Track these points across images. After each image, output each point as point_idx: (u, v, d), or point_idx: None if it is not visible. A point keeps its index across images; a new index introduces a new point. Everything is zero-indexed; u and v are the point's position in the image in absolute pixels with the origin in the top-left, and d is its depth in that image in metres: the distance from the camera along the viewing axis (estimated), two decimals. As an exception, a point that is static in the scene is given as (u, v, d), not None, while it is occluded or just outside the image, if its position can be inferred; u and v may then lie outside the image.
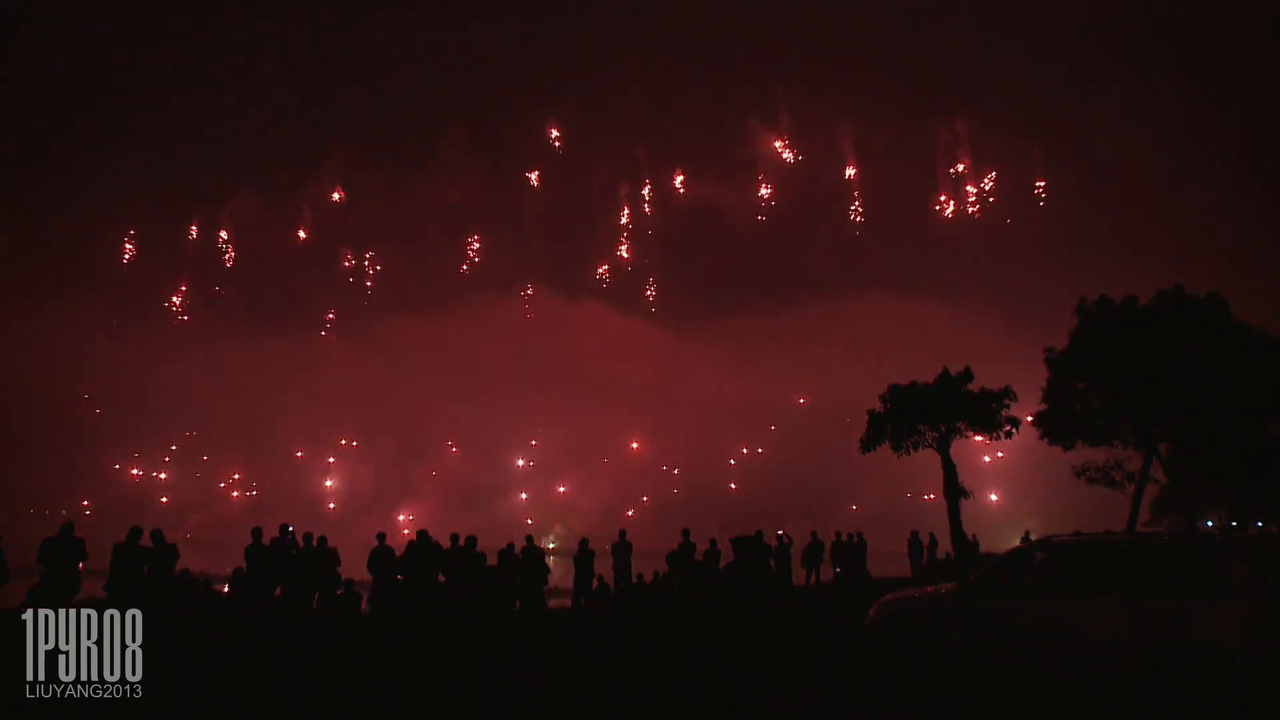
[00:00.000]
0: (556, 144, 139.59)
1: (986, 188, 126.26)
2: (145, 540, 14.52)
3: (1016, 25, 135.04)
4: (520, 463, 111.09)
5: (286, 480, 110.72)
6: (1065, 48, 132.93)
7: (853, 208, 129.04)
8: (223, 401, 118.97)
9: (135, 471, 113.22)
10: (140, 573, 14.08)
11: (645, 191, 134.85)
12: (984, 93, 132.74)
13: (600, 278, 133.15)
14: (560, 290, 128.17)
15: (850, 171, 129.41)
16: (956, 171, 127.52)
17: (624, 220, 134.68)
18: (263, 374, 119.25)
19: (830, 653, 11.76)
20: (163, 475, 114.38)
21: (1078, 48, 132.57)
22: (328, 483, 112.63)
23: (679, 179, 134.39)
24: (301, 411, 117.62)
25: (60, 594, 13.49)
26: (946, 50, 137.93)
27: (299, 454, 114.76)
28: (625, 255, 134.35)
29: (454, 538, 16.96)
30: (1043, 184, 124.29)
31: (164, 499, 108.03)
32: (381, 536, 17.04)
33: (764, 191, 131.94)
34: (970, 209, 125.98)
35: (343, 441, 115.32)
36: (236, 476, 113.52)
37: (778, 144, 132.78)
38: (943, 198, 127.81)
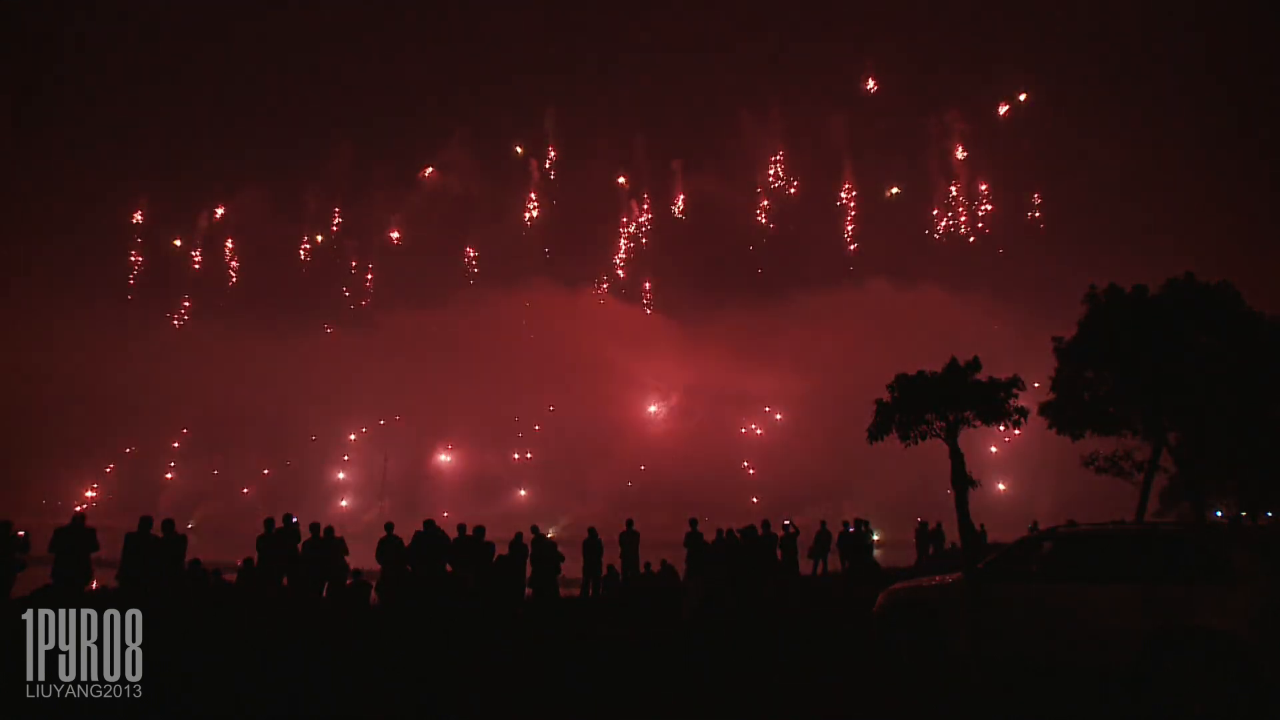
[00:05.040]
0: (551, 155, 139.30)
1: (982, 194, 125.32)
2: (156, 530, 14.59)
3: (1016, 13, 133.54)
4: (528, 453, 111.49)
5: (296, 470, 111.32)
6: (1067, 33, 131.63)
7: (848, 229, 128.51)
8: (231, 394, 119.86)
9: (144, 462, 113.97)
10: (153, 562, 14.15)
11: (644, 185, 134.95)
12: (983, 85, 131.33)
13: (603, 269, 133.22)
14: (562, 280, 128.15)
15: (847, 190, 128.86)
16: (953, 186, 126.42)
17: (624, 213, 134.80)
18: (271, 367, 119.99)
19: (838, 641, 11.78)
20: (172, 464, 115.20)
21: (1081, 32, 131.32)
22: (339, 474, 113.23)
23: (678, 187, 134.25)
24: (309, 403, 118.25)
25: (72, 584, 13.62)
26: (944, 42, 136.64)
27: (311, 441, 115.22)
28: (626, 246, 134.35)
29: (461, 528, 17.06)
30: (1039, 200, 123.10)
31: (173, 487, 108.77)
32: (389, 526, 17.12)
33: (762, 209, 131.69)
34: (964, 229, 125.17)
35: (351, 436, 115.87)
36: (245, 467, 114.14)
37: (773, 164, 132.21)
38: (936, 213, 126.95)
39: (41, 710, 7.20)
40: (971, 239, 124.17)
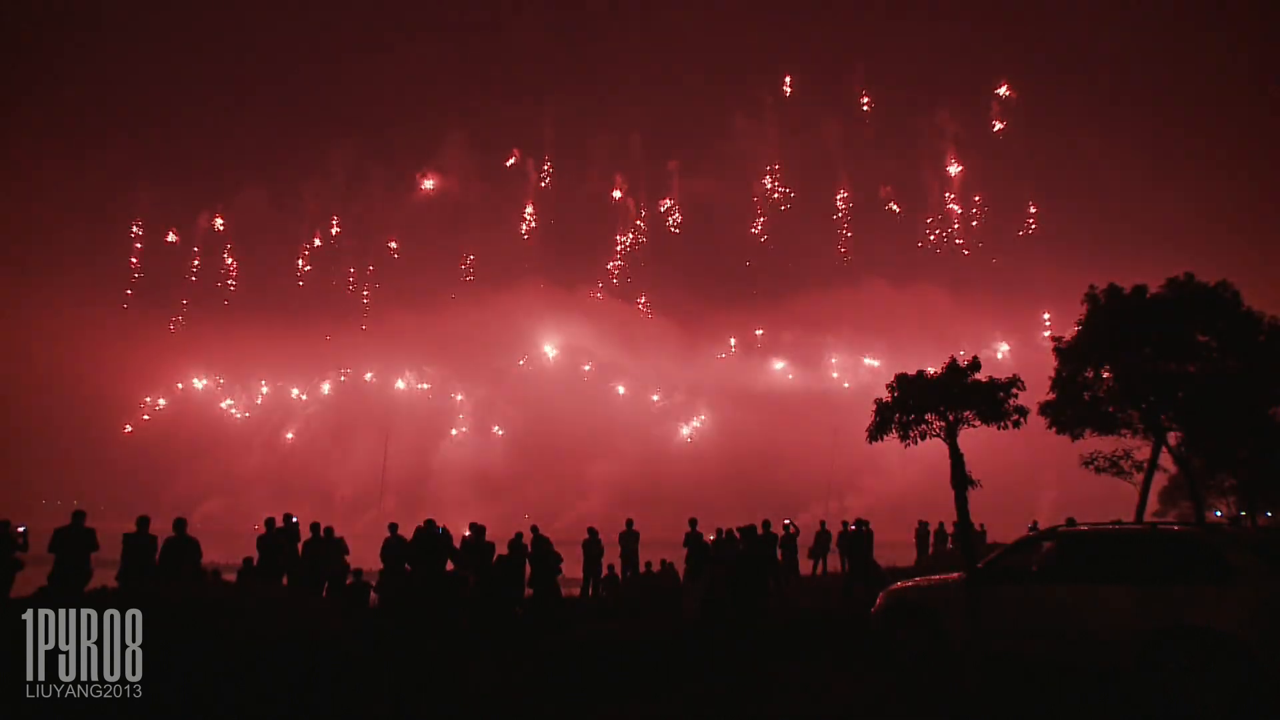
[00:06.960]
0: (548, 167, 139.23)
1: (977, 202, 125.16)
2: (162, 530, 14.53)
3: (1014, 16, 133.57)
4: (528, 452, 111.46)
5: (295, 470, 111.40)
6: (1066, 33, 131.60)
7: (845, 233, 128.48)
8: (230, 395, 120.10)
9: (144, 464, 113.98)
10: (151, 562, 14.11)
11: (640, 186, 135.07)
12: (980, 87, 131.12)
13: (600, 270, 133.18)
14: (561, 282, 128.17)
15: (843, 196, 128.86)
16: (948, 194, 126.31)
17: (621, 214, 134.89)
18: (268, 366, 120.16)
19: (838, 641, 11.77)
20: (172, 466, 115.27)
21: (1079, 32, 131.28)
22: (337, 474, 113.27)
23: (674, 187, 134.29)
24: (307, 404, 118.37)
25: (72, 584, 13.59)
26: (939, 43, 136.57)
27: (308, 445, 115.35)
28: (624, 247, 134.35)
29: (472, 525, 17.09)
30: (1034, 208, 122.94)
31: (175, 488, 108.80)
32: (393, 527, 17.11)
33: (759, 210, 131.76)
34: (960, 239, 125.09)
35: (350, 436, 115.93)
36: (244, 469, 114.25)
37: (769, 177, 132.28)
38: (930, 221, 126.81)
39: (41, 710, 7.19)
40: (966, 251, 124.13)
